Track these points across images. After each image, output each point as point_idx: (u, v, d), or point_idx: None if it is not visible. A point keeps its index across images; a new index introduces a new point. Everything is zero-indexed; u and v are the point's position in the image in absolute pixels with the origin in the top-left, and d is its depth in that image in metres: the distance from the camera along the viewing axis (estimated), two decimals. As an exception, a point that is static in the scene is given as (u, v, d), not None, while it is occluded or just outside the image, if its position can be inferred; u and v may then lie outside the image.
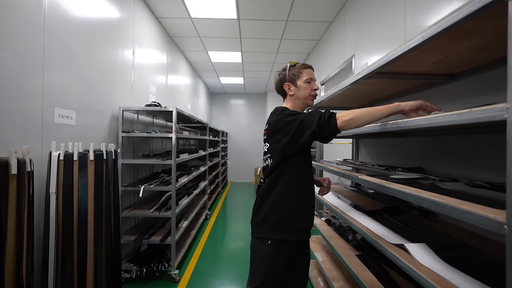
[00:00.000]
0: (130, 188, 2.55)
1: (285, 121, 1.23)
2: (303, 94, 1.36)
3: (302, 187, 1.30)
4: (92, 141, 2.10)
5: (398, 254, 0.98)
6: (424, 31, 0.82)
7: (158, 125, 3.76)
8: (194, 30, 4.14)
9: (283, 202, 1.27)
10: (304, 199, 1.30)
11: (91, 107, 2.22)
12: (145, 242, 2.48)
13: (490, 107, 0.60)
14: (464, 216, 0.67)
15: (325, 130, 1.12)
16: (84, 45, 2.13)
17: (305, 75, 1.36)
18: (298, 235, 1.28)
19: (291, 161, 1.28)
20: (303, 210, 1.29)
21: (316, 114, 1.16)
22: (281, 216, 1.25)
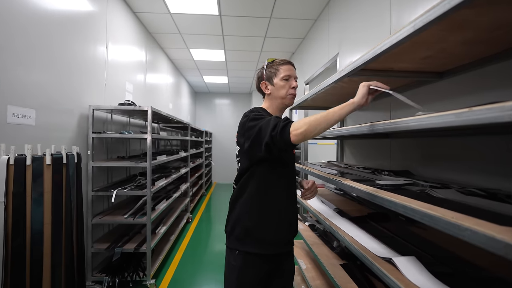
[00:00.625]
0: (102, 193, 2.37)
1: (247, 126, 1.13)
2: (280, 93, 1.24)
3: (272, 196, 1.18)
4: (57, 143, 1.90)
5: (385, 270, 0.88)
6: (415, 20, 0.73)
7: (136, 125, 3.56)
8: (174, 26, 3.97)
9: (249, 212, 1.16)
10: (273, 210, 1.18)
11: (56, 106, 2.03)
12: (117, 250, 2.31)
13: (496, 106, 0.50)
14: (463, 234, 0.57)
15: (279, 144, 1.01)
16: (49, 38, 1.94)
17: (282, 72, 1.24)
18: (268, 248, 1.16)
19: (260, 168, 1.16)
20: (271, 222, 1.17)
21: (272, 123, 1.04)
22: (247, 227, 1.15)
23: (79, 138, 2.30)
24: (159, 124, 4.53)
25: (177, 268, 2.90)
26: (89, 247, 2.29)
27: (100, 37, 2.69)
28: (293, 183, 1.29)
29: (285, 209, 1.21)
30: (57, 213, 1.46)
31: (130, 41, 3.46)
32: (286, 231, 1.21)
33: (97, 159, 2.54)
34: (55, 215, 1.45)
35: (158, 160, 2.78)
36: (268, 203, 1.17)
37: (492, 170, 1.06)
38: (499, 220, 0.58)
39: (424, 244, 1.09)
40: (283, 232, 1.20)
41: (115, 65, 3.04)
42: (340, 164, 2.12)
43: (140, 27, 3.79)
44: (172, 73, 5.75)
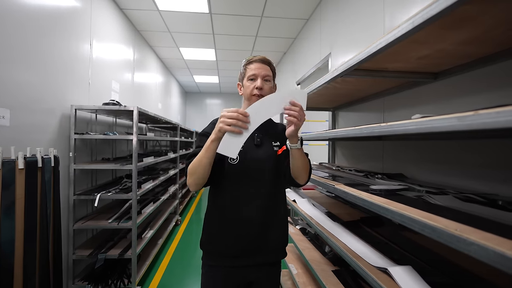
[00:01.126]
0: (85, 197, 2.26)
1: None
2: (246, 94, 1.15)
3: (222, 208, 1.11)
4: (34, 145, 1.79)
5: (381, 281, 0.84)
6: (414, 16, 0.68)
7: (123, 125, 3.45)
8: (163, 24, 3.87)
9: (204, 224, 1.18)
10: (224, 224, 1.11)
11: (35, 105, 1.91)
12: (101, 257, 2.20)
13: (507, 110, 0.45)
14: (469, 249, 0.52)
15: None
16: (27, 34, 1.83)
17: (248, 72, 1.14)
18: (222, 260, 1.12)
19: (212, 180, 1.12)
20: (221, 238, 1.11)
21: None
22: (201, 240, 1.17)
23: (60, 139, 2.19)
24: (147, 125, 4.41)
25: (165, 273, 2.81)
26: (70, 254, 2.18)
27: (84, 34, 2.58)
28: (255, 189, 1.10)
29: (236, 219, 1.09)
30: (31, 221, 1.36)
31: (116, 39, 3.34)
32: (248, 242, 1.09)
33: (80, 161, 2.42)
34: (28, 223, 1.35)
35: (145, 162, 2.68)
36: (216, 217, 1.14)
37: (487, 174, 1.03)
38: (507, 232, 0.53)
39: (419, 250, 1.05)
40: (239, 245, 1.09)
41: (100, 63, 2.92)
42: (331, 166, 2.08)
43: (127, 24, 3.67)
44: (161, 72, 5.63)
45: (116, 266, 2.51)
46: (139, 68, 4.22)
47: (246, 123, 0.91)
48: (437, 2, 0.60)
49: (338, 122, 2.44)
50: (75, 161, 2.25)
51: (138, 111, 2.33)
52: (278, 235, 1.14)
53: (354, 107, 2.10)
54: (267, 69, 1.15)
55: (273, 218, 1.13)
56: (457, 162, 1.16)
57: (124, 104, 2.54)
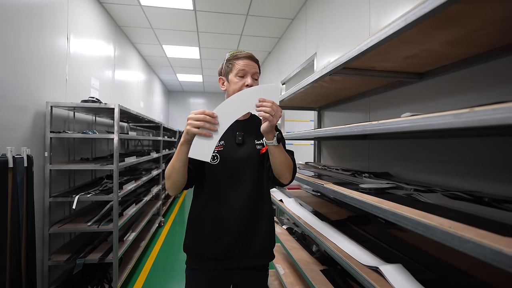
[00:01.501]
0: (62, 199, 2.14)
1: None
2: (232, 90, 1.09)
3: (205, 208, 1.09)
4: (5, 144, 1.68)
5: (372, 280, 0.83)
6: (407, 14, 0.67)
7: (103, 124, 3.31)
8: (145, 20, 3.75)
9: (188, 225, 1.14)
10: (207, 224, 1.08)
11: (4, 102, 1.79)
12: (79, 262, 2.10)
13: (505, 106, 0.45)
14: (464, 247, 0.52)
15: None
16: (-6, 23, 1.71)
17: (237, 68, 1.08)
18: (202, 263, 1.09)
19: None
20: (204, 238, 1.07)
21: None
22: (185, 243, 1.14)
23: (34, 138, 2.06)
24: (129, 124, 4.27)
25: (148, 276, 2.72)
26: (46, 260, 2.06)
27: (60, 28, 2.45)
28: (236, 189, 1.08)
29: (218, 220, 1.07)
30: (0, 226, 1.26)
31: (96, 34, 3.20)
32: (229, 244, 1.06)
33: (56, 162, 2.30)
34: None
35: (127, 162, 2.59)
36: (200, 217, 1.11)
37: (470, 172, 1.05)
38: (499, 229, 0.54)
39: (406, 248, 1.06)
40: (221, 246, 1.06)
41: (79, 59, 2.79)
42: (318, 166, 2.09)
43: (107, 20, 3.54)
44: (143, 70, 5.48)
45: (96, 271, 2.40)
46: (120, 65, 4.08)
47: (215, 124, 0.89)
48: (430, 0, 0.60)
49: (324, 121, 2.45)
50: (51, 161, 2.13)
51: (119, 109, 2.24)
52: (264, 236, 1.09)
53: (340, 107, 2.12)
54: (256, 66, 1.12)
55: (257, 218, 1.09)
56: (440, 160, 1.19)
57: (104, 102, 2.44)
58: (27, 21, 2.00)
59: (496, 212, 0.68)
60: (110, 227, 2.22)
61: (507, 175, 0.91)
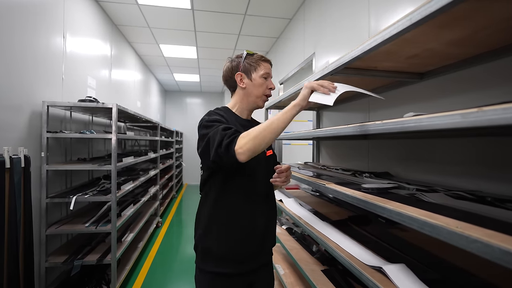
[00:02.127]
0: (59, 200, 2.12)
1: (199, 134, 1.02)
2: (257, 91, 1.12)
3: (236, 207, 1.05)
4: (1, 144, 1.65)
5: (376, 280, 0.83)
6: (412, 13, 0.67)
7: (100, 124, 3.28)
8: (142, 19, 3.72)
9: (208, 229, 1.05)
10: (234, 224, 1.05)
11: (0, 101, 1.76)
12: (77, 263, 2.07)
13: (513, 106, 0.45)
14: (471, 247, 0.52)
15: (226, 162, 0.91)
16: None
17: (262, 69, 1.12)
18: (232, 266, 1.04)
19: (218, 177, 1.05)
20: (236, 239, 1.04)
21: (218, 137, 0.91)
22: (207, 246, 1.04)
23: (30, 138, 2.03)
24: (126, 123, 4.24)
25: (146, 277, 2.71)
26: (43, 262, 2.03)
27: (57, 26, 2.42)
28: (262, 188, 1.12)
29: (251, 221, 1.07)
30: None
31: (92, 33, 3.17)
32: (256, 245, 1.08)
33: (53, 162, 2.27)
34: (-4, 229, 1.23)
35: (125, 162, 2.57)
36: (230, 217, 1.05)
37: (470, 171, 1.06)
38: (505, 229, 0.54)
39: (408, 248, 1.06)
40: (251, 247, 1.07)
41: (75, 58, 2.76)
42: (317, 166, 2.09)
43: (104, 18, 3.50)
44: (140, 69, 5.44)
45: (94, 272, 2.38)
46: (117, 65, 4.05)
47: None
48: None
49: (323, 121, 2.45)
50: (47, 161, 2.11)
51: (117, 108, 2.22)
52: (273, 236, 1.18)
53: (339, 107, 2.12)
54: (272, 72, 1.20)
55: (272, 220, 1.16)
56: (440, 160, 1.19)
57: (101, 101, 2.41)
58: (22, 19, 1.97)
59: (500, 211, 0.68)
60: (108, 228, 2.20)
61: (508, 174, 0.92)
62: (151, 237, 3.82)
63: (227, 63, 1.18)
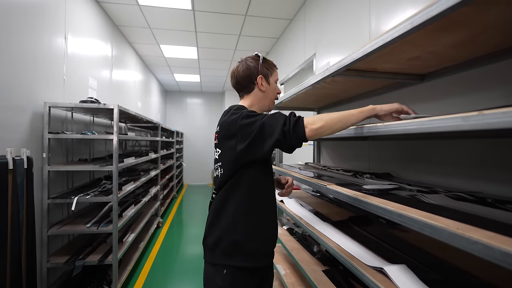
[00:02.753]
0: (61, 200, 2.13)
1: (240, 124, 0.99)
2: (272, 95, 1.22)
3: (262, 203, 1.09)
4: (4, 145, 1.66)
5: (377, 281, 0.84)
6: (413, 17, 0.68)
7: (100, 124, 3.29)
8: (143, 20, 3.73)
9: (238, 223, 1.04)
10: (265, 218, 1.10)
11: (1, 103, 1.76)
12: (78, 264, 2.08)
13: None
14: (472, 248, 0.52)
15: (291, 139, 0.93)
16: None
17: (276, 75, 1.22)
18: (259, 260, 1.06)
19: (248, 172, 1.05)
20: (263, 232, 1.08)
21: (280, 118, 0.95)
22: (236, 239, 1.02)
23: (32, 139, 2.04)
24: (126, 124, 4.25)
25: (147, 278, 2.71)
26: (44, 262, 2.04)
27: (58, 27, 2.43)
28: (274, 189, 1.21)
29: (273, 215, 1.14)
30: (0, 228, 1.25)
31: (93, 34, 3.18)
32: (275, 239, 1.15)
33: (54, 163, 2.28)
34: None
35: (126, 162, 2.57)
36: (260, 211, 1.08)
37: (470, 173, 1.07)
38: (505, 230, 0.54)
39: (409, 248, 1.07)
40: (274, 241, 1.14)
41: (76, 59, 2.77)
42: (318, 166, 2.09)
43: (105, 19, 3.51)
44: (141, 70, 5.45)
45: (96, 272, 2.39)
46: (118, 65, 4.06)
47: None
48: (438, 3, 0.61)
49: (324, 122, 2.45)
50: (49, 162, 2.11)
51: (118, 109, 2.23)
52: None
53: (339, 107, 2.13)
54: None
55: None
56: (440, 161, 1.20)
57: (102, 102, 2.42)
58: (24, 20, 1.98)
59: (500, 213, 0.69)
60: (110, 228, 2.21)
61: (508, 175, 0.93)
62: (152, 238, 3.83)
63: (243, 64, 1.17)
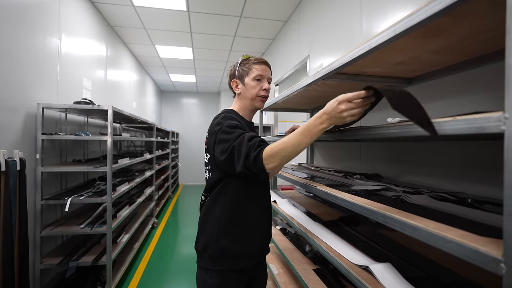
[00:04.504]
0: (54, 201, 2.13)
1: (218, 138, 1.01)
2: (250, 93, 1.16)
3: (251, 208, 1.11)
4: (-4, 146, 1.66)
5: (363, 279, 0.87)
6: (396, 25, 0.71)
7: (95, 125, 3.29)
8: (138, 20, 3.73)
9: (224, 229, 1.06)
10: (251, 226, 1.11)
11: (-5, 103, 1.77)
12: (72, 265, 2.08)
13: (482, 116, 0.49)
14: (447, 246, 0.55)
15: (255, 173, 0.93)
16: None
17: (255, 72, 1.16)
18: (246, 262, 1.10)
19: (235, 180, 1.07)
20: (250, 238, 1.10)
21: (244, 149, 0.93)
22: (222, 246, 1.05)
23: (25, 140, 2.04)
24: (121, 124, 4.24)
25: (141, 278, 2.72)
26: (37, 264, 2.04)
27: (52, 27, 2.42)
28: (266, 187, 1.22)
29: (264, 219, 1.17)
30: (-5, 229, 1.26)
31: (88, 34, 3.18)
32: (265, 240, 1.18)
33: (48, 164, 2.28)
34: (-8, 232, 1.24)
35: (120, 163, 2.58)
36: (246, 217, 1.10)
37: (453, 174, 1.10)
38: (478, 229, 0.57)
39: (396, 247, 1.10)
40: (262, 242, 1.17)
41: (71, 59, 2.76)
42: (310, 167, 2.12)
43: (99, 19, 3.51)
44: (136, 70, 5.44)
45: (89, 273, 2.39)
46: (113, 66, 4.05)
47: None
48: (417, 13, 0.64)
49: (317, 123, 2.49)
50: (42, 163, 2.11)
51: (113, 110, 2.24)
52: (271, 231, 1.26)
53: (332, 109, 2.16)
54: (270, 72, 1.22)
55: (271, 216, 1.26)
56: (427, 162, 1.23)
57: (97, 102, 2.43)
58: (17, 20, 1.98)
59: (477, 213, 0.72)
60: (104, 229, 2.21)
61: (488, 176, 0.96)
62: (147, 238, 3.83)
63: (228, 72, 1.26)
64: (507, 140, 0.45)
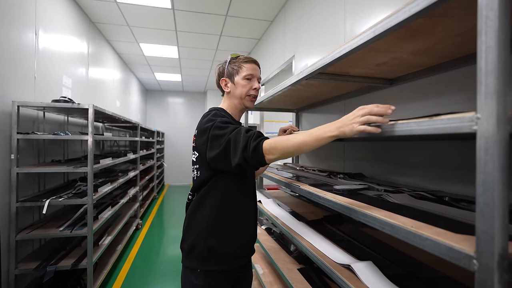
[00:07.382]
0: (31, 203, 2.04)
1: (211, 134, 1.00)
2: (240, 92, 1.16)
3: (239, 207, 1.11)
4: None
5: (344, 277, 0.87)
6: (376, 26, 0.72)
7: (76, 124, 3.18)
8: (121, 17, 3.64)
9: (212, 228, 1.05)
10: (239, 225, 1.10)
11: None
12: (50, 269, 2.01)
13: (456, 116, 0.50)
14: (423, 244, 0.56)
15: (252, 164, 0.93)
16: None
17: (245, 71, 1.15)
18: (233, 262, 1.09)
19: (224, 179, 1.06)
20: (238, 238, 1.10)
21: (242, 140, 0.92)
22: (210, 245, 1.04)
23: (0, 139, 1.94)
24: (104, 124, 4.13)
25: (124, 281, 2.65)
26: (12, 269, 1.95)
27: (28, 22, 2.32)
28: (253, 186, 1.22)
29: (251, 219, 1.16)
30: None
31: (67, 30, 3.07)
32: (251, 241, 1.17)
33: (24, 164, 2.18)
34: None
35: (102, 163, 2.50)
36: (234, 217, 1.09)
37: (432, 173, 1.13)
38: (454, 227, 0.59)
39: (378, 245, 1.12)
40: (249, 243, 1.16)
41: (49, 55, 2.66)
42: (295, 167, 2.13)
43: (80, 15, 3.39)
44: (119, 68, 5.30)
45: (69, 277, 2.31)
46: (95, 63, 3.93)
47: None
48: (396, 14, 0.65)
49: (302, 123, 2.51)
50: (18, 163, 2.02)
51: (94, 109, 2.17)
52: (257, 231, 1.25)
53: (317, 109, 2.18)
54: (259, 71, 1.22)
55: (257, 216, 1.25)
56: (409, 162, 1.26)
57: (78, 101, 2.35)
58: (-9, 15, 1.88)
59: (454, 210, 0.74)
60: (84, 231, 2.14)
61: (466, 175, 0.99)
62: (131, 240, 3.74)
63: (215, 70, 1.24)
64: (479, 140, 0.46)
